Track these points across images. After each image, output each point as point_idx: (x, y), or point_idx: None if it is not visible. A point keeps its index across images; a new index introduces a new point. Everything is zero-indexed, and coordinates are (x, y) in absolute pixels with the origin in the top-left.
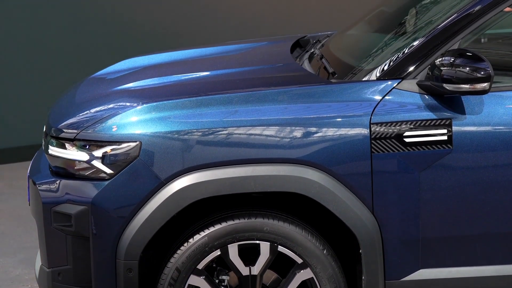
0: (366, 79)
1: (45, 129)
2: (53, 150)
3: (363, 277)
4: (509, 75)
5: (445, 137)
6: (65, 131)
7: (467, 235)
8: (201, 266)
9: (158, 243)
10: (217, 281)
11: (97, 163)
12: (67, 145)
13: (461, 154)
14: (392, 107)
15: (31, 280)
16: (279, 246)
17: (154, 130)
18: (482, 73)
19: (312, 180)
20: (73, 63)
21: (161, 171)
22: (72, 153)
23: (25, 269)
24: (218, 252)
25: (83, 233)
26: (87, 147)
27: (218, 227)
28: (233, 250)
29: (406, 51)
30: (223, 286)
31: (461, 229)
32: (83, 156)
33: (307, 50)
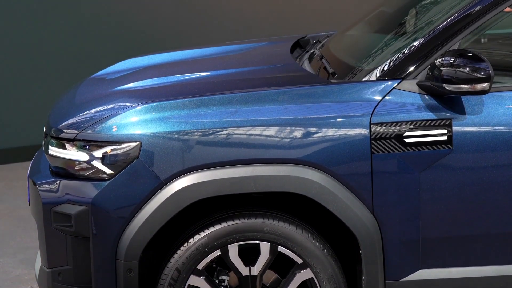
0: (366, 79)
1: (45, 129)
2: (53, 150)
3: (363, 277)
4: (509, 75)
5: (445, 138)
6: (65, 131)
7: (467, 235)
8: (201, 266)
9: (158, 243)
10: (217, 281)
11: (97, 163)
12: (67, 145)
13: (461, 154)
14: (392, 107)
15: (31, 280)
16: (279, 246)
17: (154, 130)
18: (482, 73)
19: (312, 180)
20: (73, 63)
21: (161, 171)
22: (72, 153)
23: (25, 269)
24: (218, 252)
25: (83, 233)
26: (87, 147)
27: (218, 227)
28: (233, 250)
29: (406, 52)
30: (223, 286)
31: (461, 229)
32: (83, 156)
33: (307, 50)
